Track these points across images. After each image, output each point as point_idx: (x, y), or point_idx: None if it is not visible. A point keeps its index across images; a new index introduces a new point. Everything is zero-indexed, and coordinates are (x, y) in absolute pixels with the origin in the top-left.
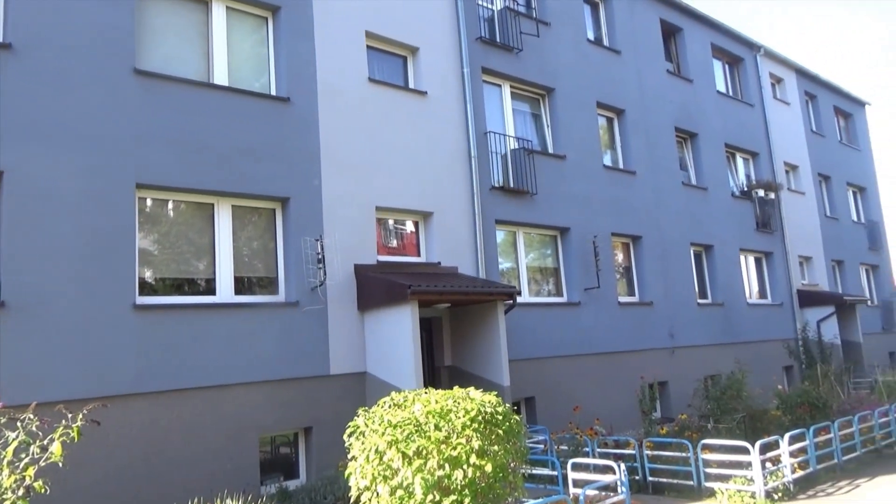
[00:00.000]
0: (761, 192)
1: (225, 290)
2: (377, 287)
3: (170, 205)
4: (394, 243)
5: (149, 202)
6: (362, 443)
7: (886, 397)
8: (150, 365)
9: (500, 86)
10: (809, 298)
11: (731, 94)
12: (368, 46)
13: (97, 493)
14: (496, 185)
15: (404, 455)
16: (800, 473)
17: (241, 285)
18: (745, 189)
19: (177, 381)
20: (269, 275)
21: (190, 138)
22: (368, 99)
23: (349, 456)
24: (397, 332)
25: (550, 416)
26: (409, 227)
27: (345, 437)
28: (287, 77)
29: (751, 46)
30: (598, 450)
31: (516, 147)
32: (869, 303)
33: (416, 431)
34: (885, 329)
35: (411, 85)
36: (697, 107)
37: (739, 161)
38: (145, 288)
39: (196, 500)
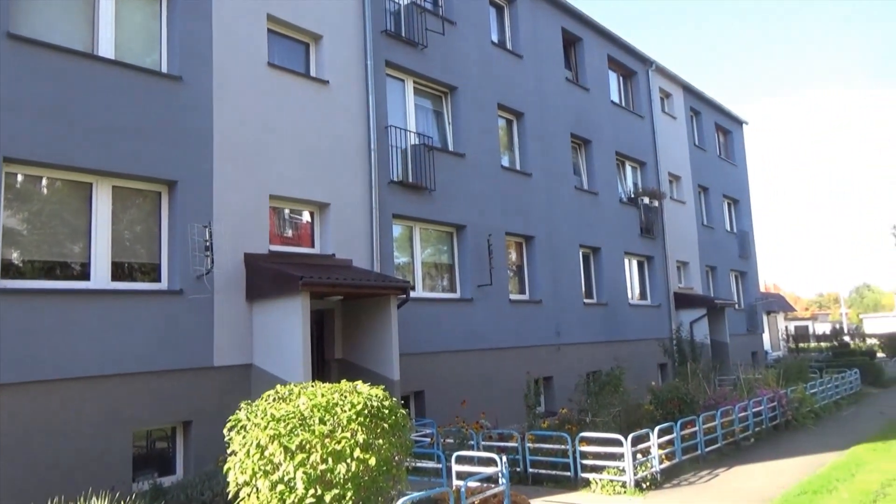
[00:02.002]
0: (647, 200)
1: (100, 276)
2: (268, 277)
3: (43, 182)
4: (288, 233)
5: (19, 178)
6: (243, 437)
7: (746, 393)
8: (11, 354)
9: (403, 80)
10: (684, 301)
11: (623, 105)
12: (270, 30)
13: None
14: (395, 179)
15: (286, 449)
16: (667, 464)
17: (120, 271)
18: (632, 196)
19: (41, 371)
20: (151, 261)
21: (68, 112)
22: (267, 84)
23: (229, 451)
24: (287, 323)
25: (439, 409)
26: (305, 217)
27: (225, 430)
28: (180, 55)
29: (644, 61)
30: (483, 443)
31: (417, 143)
32: (736, 306)
33: (301, 425)
34: (750, 331)
35: (313, 73)
36: (592, 115)
37: (628, 169)
38: (10, 270)
39: (56, 499)
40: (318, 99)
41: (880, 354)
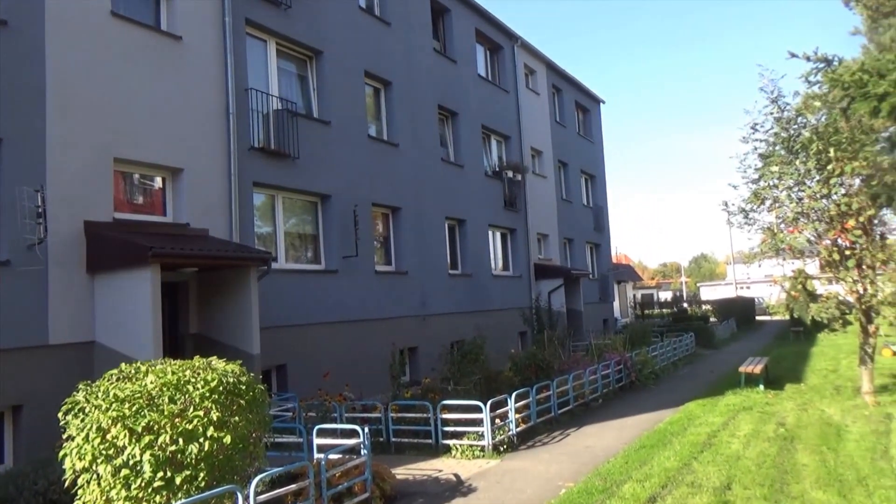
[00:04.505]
0: (510, 174)
1: None
2: (113, 247)
3: None
4: (137, 200)
5: None
6: (82, 420)
7: (597, 358)
8: None
9: (265, 41)
10: (544, 271)
11: (490, 79)
12: None
13: None
14: (256, 145)
15: (132, 431)
16: (523, 427)
17: None
18: (497, 169)
19: None
20: None
21: None
22: (111, 36)
23: (65, 435)
24: (134, 297)
25: (302, 383)
26: (156, 183)
27: (60, 414)
28: None
29: (510, 36)
30: (347, 415)
31: (280, 108)
32: (591, 277)
33: (148, 405)
34: (602, 299)
35: (164, 27)
36: (459, 87)
37: (493, 143)
38: None
39: None
40: (171, 56)
41: (713, 319)
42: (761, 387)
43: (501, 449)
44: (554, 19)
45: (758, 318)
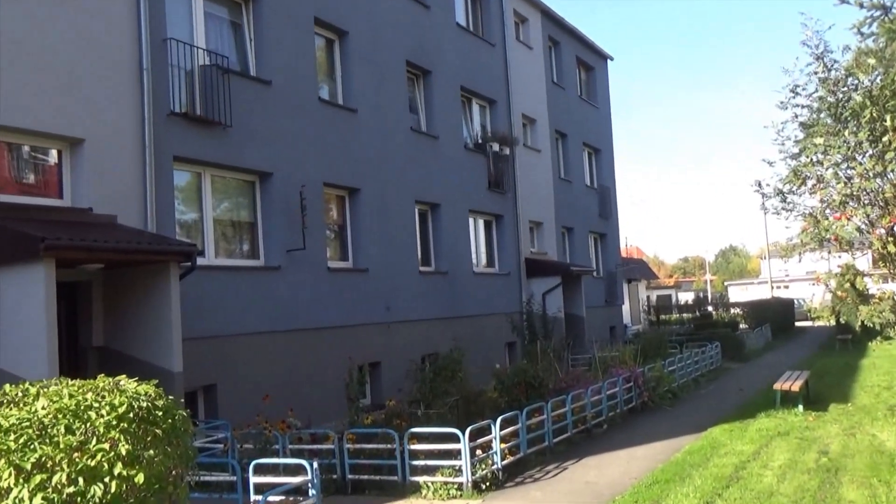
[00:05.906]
0: (496, 147)
1: None
2: None
3: None
4: (26, 178)
5: None
6: None
7: (602, 374)
8: None
9: None
10: (537, 268)
11: (471, 28)
12: None
13: None
14: (177, 110)
15: (19, 469)
16: (510, 459)
17: None
18: (480, 141)
19: None
20: None
21: None
22: None
23: None
24: (22, 301)
25: (236, 407)
26: (51, 158)
27: None
28: None
29: None
30: (291, 446)
31: (207, 63)
32: (594, 274)
33: (39, 437)
34: (608, 302)
35: None
36: (434, 40)
37: (475, 108)
38: None
39: None
40: None
41: (743, 325)
42: (800, 407)
43: (483, 486)
44: None
45: (797, 323)
